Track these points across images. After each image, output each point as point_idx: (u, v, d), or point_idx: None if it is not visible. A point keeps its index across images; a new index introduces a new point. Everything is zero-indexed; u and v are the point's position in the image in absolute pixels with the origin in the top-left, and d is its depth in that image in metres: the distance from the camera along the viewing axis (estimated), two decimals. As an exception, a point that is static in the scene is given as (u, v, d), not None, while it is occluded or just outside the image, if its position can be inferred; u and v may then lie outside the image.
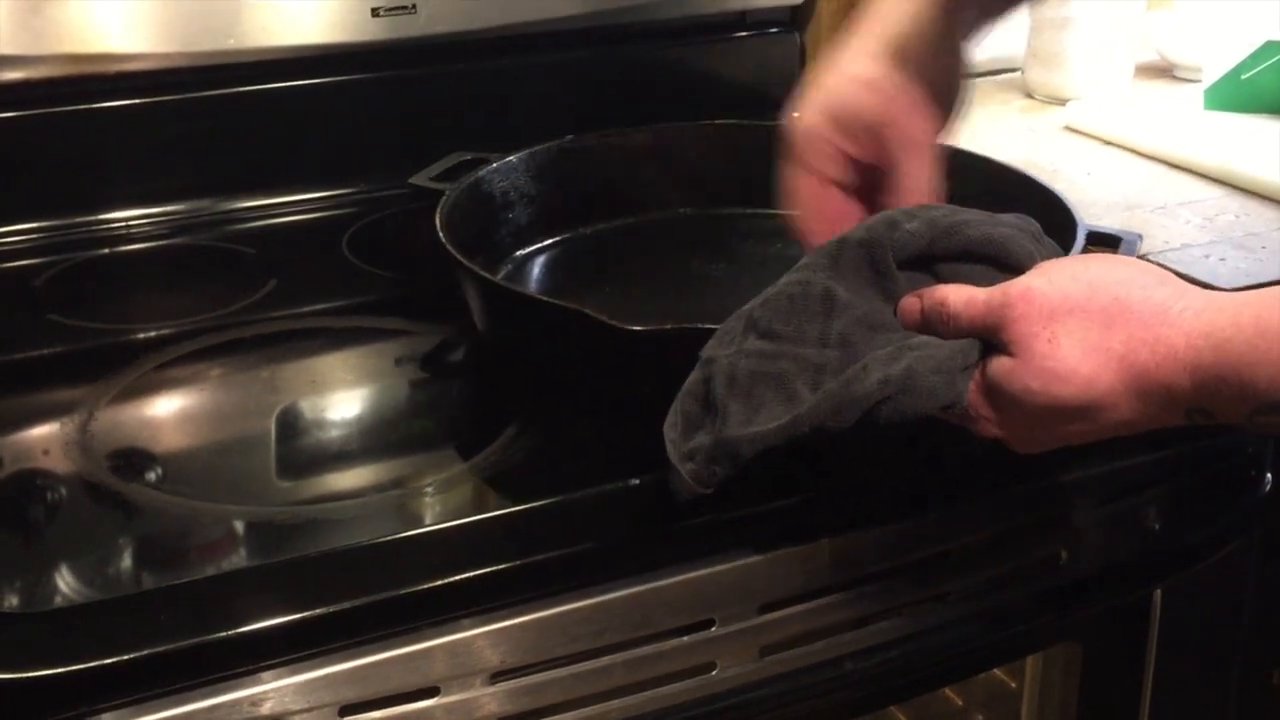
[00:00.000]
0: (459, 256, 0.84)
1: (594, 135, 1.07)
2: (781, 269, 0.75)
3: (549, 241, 1.04)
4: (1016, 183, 0.97)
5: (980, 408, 0.65)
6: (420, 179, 1.00)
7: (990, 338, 0.65)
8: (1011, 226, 0.71)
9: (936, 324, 0.68)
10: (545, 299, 0.84)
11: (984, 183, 0.94)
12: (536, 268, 1.02)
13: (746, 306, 0.71)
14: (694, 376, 0.70)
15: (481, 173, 0.99)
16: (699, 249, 1.04)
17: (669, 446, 0.68)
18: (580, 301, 0.77)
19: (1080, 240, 0.84)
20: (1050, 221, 0.80)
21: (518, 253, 1.02)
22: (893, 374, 0.65)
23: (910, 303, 0.69)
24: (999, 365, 0.64)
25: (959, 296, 0.67)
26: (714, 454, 0.67)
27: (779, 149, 0.84)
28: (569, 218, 1.05)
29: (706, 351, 0.70)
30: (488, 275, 0.87)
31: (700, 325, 0.73)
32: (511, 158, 1.02)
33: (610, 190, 1.06)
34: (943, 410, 0.65)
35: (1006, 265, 0.69)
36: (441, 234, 0.87)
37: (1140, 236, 0.89)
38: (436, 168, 1.01)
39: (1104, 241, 0.86)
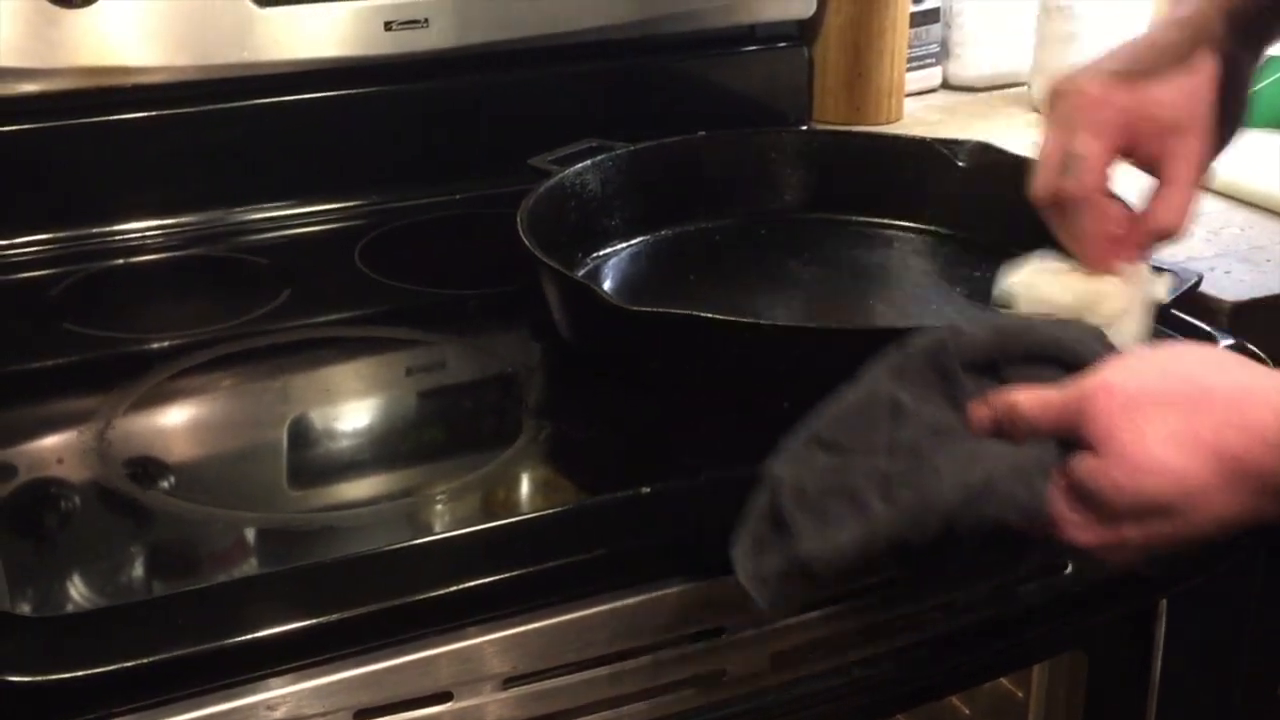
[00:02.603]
0: (543, 257, 0.86)
1: (679, 138, 1.08)
2: (873, 273, 0.75)
3: (630, 243, 1.05)
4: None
5: (1064, 511, 0.62)
6: (539, 160, 1.02)
7: (1069, 437, 0.62)
8: (1078, 329, 0.70)
9: (1009, 428, 0.65)
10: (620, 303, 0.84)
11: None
12: (616, 268, 1.03)
13: (809, 424, 0.69)
14: (760, 497, 0.68)
15: (565, 173, 1.00)
16: (787, 251, 1.05)
17: (739, 570, 0.66)
18: (665, 302, 0.80)
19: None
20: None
21: (596, 253, 1.03)
22: (970, 481, 0.63)
23: (980, 409, 0.66)
24: (1082, 464, 0.61)
25: (1031, 398, 0.64)
26: (787, 574, 0.65)
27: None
28: (649, 219, 1.06)
29: (771, 471, 0.68)
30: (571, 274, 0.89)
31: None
32: (600, 157, 1.03)
33: (691, 193, 1.08)
34: (1024, 516, 0.63)
35: (1074, 367, 0.66)
36: (524, 235, 0.88)
37: (1200, 275, 0.86)
38: (560, 151, 1.04)
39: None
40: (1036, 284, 0.81)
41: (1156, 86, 0.78)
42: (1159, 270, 0.82)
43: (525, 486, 0.80)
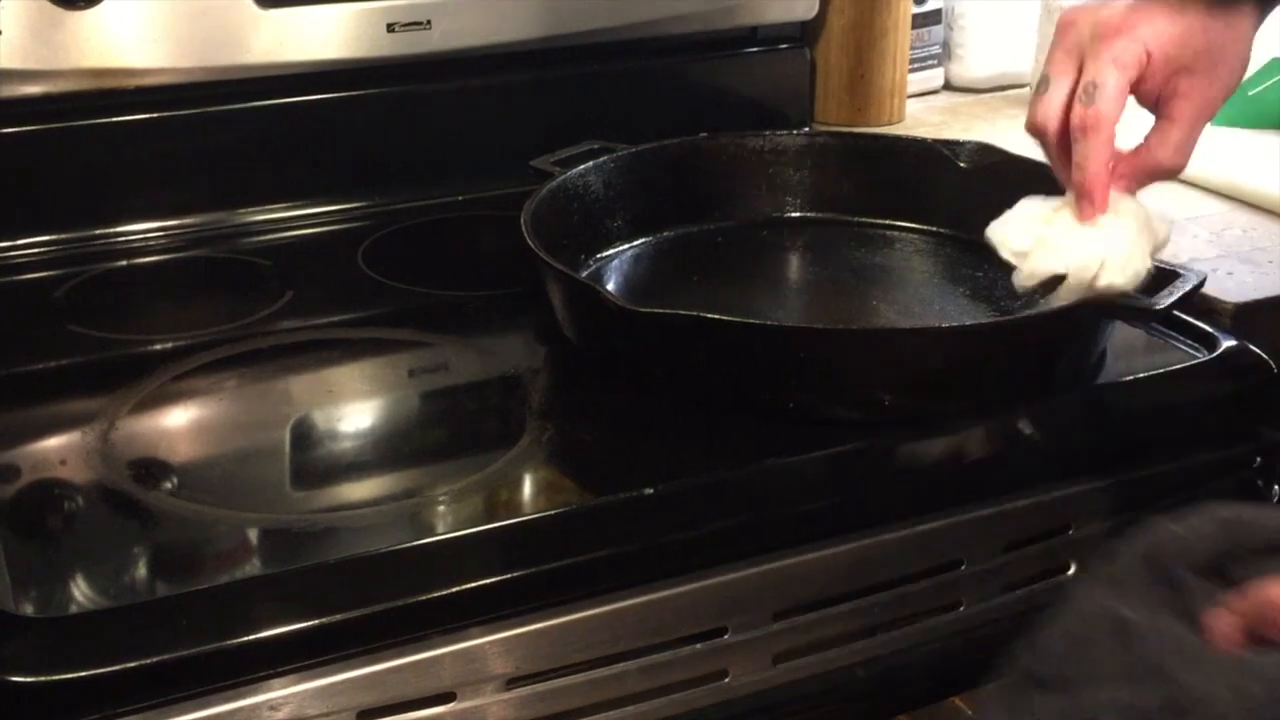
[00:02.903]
0: (548, 259, 0.87)
1: (682, 140, 1.09)
2: (875, 274, 0.76)
3: (633, 244, 1.05)
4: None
5: None
6: (541, 162, 1.02)
7: None
8: None
9: (1269, 631, 0.57)
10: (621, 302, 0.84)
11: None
12: (619, 269, 1.03)
13: (1011, 668, 0.61)
14: None
15: (567, 175, 1.01)
16: (789, 252, 1.05)
17: None
18: (668, 303, 0.80)
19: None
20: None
21: (599, 255, 1.03)
22: (1249, 698, 0.54)
23: (1221, 616, 0.58)
24: None
25: None
26: None
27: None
28: (652, 220, 1.06)
29: None
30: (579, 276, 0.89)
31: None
32: (602, 159, 1.03)
33: (693, 194, 1.08)
34: None
35: None
36: (529, 237, 0.89)
37: (1203, 276, 0.82)
38: (562, 153, 1.04)
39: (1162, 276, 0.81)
40: (1035, 248, 0.79)
41: (1176, 23, 0.76)
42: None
43: (528, 487, 0.80)
